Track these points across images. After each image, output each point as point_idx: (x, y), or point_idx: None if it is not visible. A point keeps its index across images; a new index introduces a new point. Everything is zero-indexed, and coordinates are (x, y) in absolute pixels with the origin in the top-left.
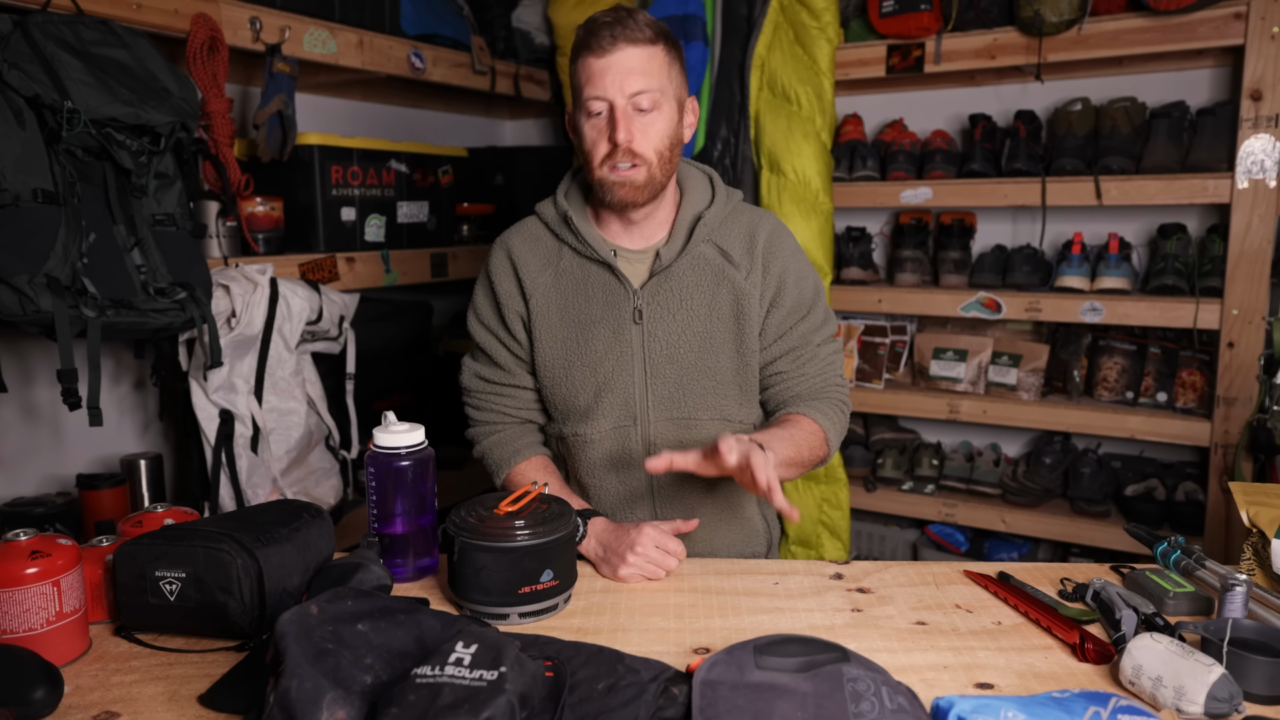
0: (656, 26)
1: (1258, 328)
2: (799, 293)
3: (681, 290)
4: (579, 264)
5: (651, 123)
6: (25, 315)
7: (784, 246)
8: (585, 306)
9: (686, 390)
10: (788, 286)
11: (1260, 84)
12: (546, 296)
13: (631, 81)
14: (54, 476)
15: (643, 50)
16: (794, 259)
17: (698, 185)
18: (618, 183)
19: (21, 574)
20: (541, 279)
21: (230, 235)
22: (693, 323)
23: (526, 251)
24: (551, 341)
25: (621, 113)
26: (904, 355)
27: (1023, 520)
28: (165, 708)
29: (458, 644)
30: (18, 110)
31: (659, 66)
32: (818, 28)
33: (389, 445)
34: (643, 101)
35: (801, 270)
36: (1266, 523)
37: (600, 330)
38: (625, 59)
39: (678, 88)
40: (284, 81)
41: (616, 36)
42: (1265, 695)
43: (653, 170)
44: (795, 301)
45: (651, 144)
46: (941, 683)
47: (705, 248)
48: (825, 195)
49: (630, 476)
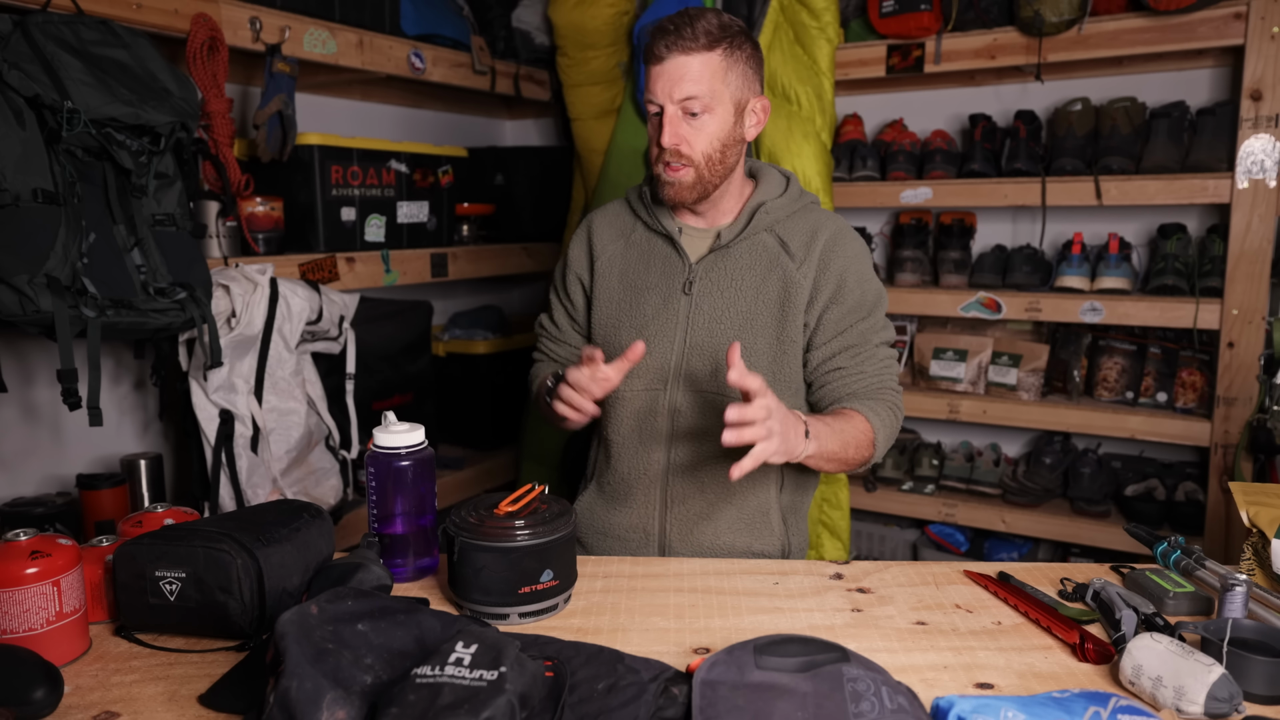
0: (717, 32)
1: (1258, 328)
2: (861, 293)
3: (735, 270)
4: (648, 237)
5: (702, 126)
6: (25, 315)
7: (848, 248)
8: (644, 274)
9: (719, 367)
10: (848, 284)
11: (1260, 84)
12: (612, 262)
13: (680, 88)
14: (54, 476)
15: (695, 58)
16: (856, 261)
17: (772, 180)
18: (667, 182)
19: (21, 574)
20: (612, 246)
21: (230, 235)
22: (738, 301)
23: (604, 224)
24: (608, 302)
25: (669, 118)
26: (904, 355)
27: (1023, 520)
28: (165, 708)
29: (458, 644)
30: (18, 110)
31: (711, 73)
32: (818, 28)
33: (389, 445)
34: (693, 106)
35: (864, 273)
36: (1266, 523)
37: (652, 296)
38: (676, 67)
39: (736, 90)
40: (284, 81)
41: (670, 46)
42: (1265, 695)
43: (700, 171)
44: (857, 300)
45: (700, 147)
46: (941, 683)
47: (766, 236)
48: (825, 195)
49: (650, 440)
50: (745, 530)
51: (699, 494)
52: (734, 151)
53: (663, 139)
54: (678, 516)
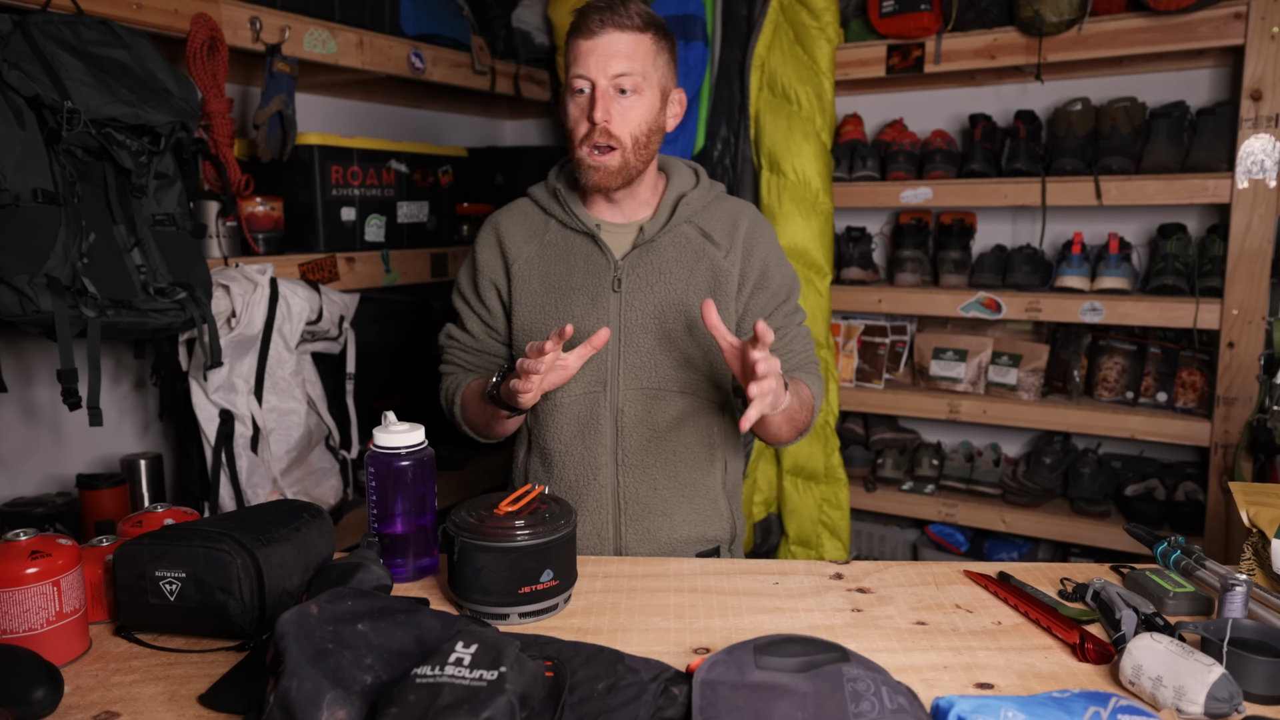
0: (648, 16)
1: (1258, 328)
2: (781, 278)
3: (661, 264)
4: (564, 235)
5: (631, 106)
6: (25, 315)
7: (765, 235)
8: (566, 274)
9: (658, 361)
10: (771, 271)
11: (1260, 84)
12: (529, 264)
13: (614, 64)
14: (54, 476)
15: (629, 36)
16: (773, 248)
17: (682, 172)
18: (593, 167)
19: (21, 574)
20: (526, 249)
21: (230, 235)
22: (670, 295)
23: (513, 225)
24: (531, 306)
25: (602, 93)
26: (904, 355)
27: (1023, 520)
28: (165, 708)
29: (458, 644)
30: (18, 110)
31: (644, 53)
32: (818, 28)
33: (389, 445)
34: (624, 84)
35: (781, 259)
36: (1266, 523)
37: (579, 296)
38: (611, 42)
39: (663, 77)
40: (284, 81)
41: (605, 21)
42: (1265, 695)
43: (627, 155)
44: (779, 285)
45: (629, 127)
46: (941, 683)
47: (687, 228)
48: (825, 195)
49: (595, 444)
50: (700, 520)
51: (652, 492)
52: (656, 139)
53: (595, 114)
54: (632, 516)
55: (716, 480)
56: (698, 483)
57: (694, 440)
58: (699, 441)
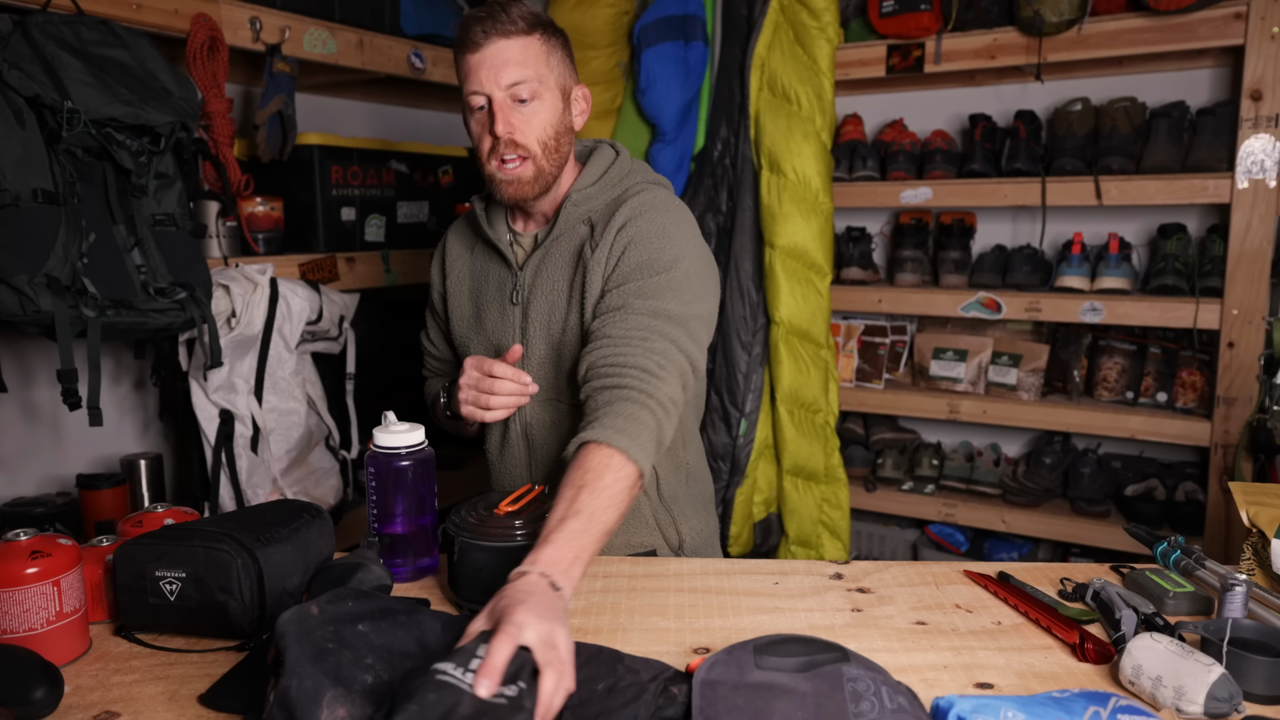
0: (532, 17)
1: (1258, 328)
2: (643, 255)
3: (553, 271)
4: (484, 251)
5: (533, 113)
6: (25, 315)
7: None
8: (484, 287)
9: (559, 370)
10: (633, 247)
11: (1260, 84)
12: (461, 278)
13: (506, 74)
14: (54, 476)
15: (516, 42)
16: (654, 227)
17: (595, 163)
18: (505, 180)
19: (21, 574)
20: (460, 262)
21: (230, 235)
22: (558, 303)
23: (455, 239)
24: (459, 319)
25: (499, 105)
26: (904, 355)
27: (1023, 520)
28: (165, 708)
29: (480, 646)
30: (18, 110)
31: (534, 56)
32: (818, 28)
33: (389, 445)
34: (521, 92)
35: (658, 239)
36: (1266, 523)
37: (490, 310)
38: (498, 52)
39: (560, 76)
40: (284, 81)
41: (488, 31)
42: (1265, 695)
43: (539, 162)
44: (640, 263)
45: (534, 134)
46: (941, 683)
47: (581, 226)
48: (825, 195)
49: (512, 457)
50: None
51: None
52: (566, 140)
53: (496, 128)
54: None
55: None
56: None
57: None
58: None
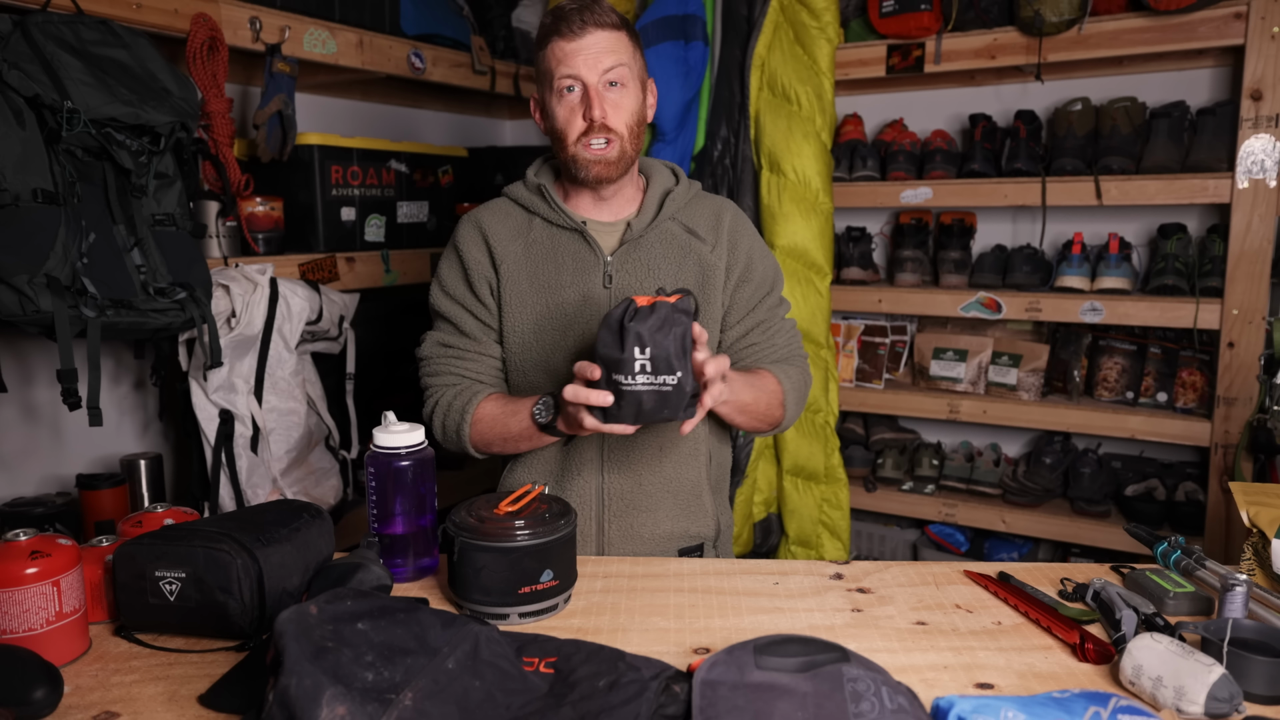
0: (619, 14)
1: (1258, 328)
2: (764, 270)
3: (650, 260)
4: (549, 233)
5: (623, 98)
6: (25, 315)
7: (747, 228)
8: (555, 273)
9: None
10: (755, 264)
11: (1260, 84)
12: (517, 264)
13: (604, 60)
14: (54, 476)
15: (611, 34)
16: (756, 240)
17: (662, 170)
18: (592, 160)
19: (21, 574)
20: (512, 248)
21: (230, 235)
22: (651, 291)
23: (496, 224)
24: (521, 306)
25: (595, 90)
26: (904, 355)
27: (1023, 520)
28: (165, 708)
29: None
30: (18, 110)
31: (625, 47)
32: (818, 28)
33: (389, 445)
34: (615, 77)
35: (764, 251)
36: (1266, 523)
37: (570, 294)
38: (596, 41)
39: (640, 69)
40: (284, 81)
41: (586, 21)
42: (1265, 695)
43: (624, 145)
44: (762, 278)
45: (624, 119)
46: (941, 683)
47: (672, 225)
48: (825, 195)
49: (582, 440)
50: (682, 515)
51: (636, 488)
52: (643, 129)
53: (592, 113)
54: (616, 513)
55: (700, 474)
56: (681, 477)
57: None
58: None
